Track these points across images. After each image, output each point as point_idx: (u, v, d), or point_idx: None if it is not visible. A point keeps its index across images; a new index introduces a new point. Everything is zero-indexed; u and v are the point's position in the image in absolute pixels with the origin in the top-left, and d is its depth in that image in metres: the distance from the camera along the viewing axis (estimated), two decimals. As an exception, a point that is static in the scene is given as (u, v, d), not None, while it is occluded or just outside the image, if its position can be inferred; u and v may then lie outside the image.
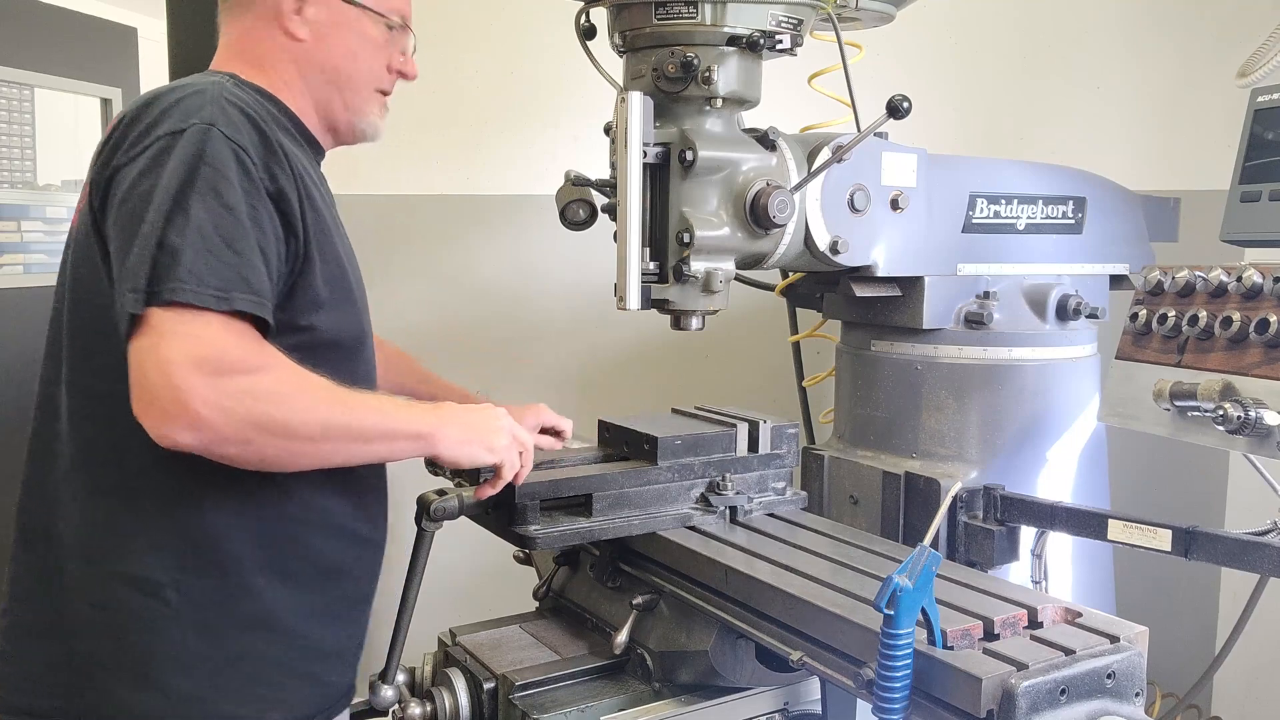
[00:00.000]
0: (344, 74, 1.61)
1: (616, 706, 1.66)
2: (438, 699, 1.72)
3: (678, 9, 1.76)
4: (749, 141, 1.80)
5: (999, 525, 1.86)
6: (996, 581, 1.57)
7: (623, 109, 1.66)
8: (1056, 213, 2.08)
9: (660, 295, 1.77)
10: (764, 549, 1.66)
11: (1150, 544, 1.63)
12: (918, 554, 1.25)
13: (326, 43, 1.58)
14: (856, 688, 1.34)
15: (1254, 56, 1.93)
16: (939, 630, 1.28)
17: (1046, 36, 3.02)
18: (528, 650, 1.79)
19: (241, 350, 1.31)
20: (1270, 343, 1.58)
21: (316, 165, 1.63)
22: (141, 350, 1.28)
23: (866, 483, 2.05)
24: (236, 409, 1.28)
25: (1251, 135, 1.86)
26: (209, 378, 1.26)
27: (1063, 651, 1.27)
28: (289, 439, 1.33)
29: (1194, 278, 1.73)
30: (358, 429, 1.39)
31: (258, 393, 1.30)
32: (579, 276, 3.05)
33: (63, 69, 4.38)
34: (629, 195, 1.67)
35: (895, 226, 1.91)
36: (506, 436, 1.54)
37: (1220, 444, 1.65)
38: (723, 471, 1.82)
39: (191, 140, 1.35)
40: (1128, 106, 2.94)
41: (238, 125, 1.40)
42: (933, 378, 2.02)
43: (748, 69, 1.82)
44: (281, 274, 1.41)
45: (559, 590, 1.96)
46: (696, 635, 1.65)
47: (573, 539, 1.72)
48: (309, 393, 1.35)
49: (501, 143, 3.25)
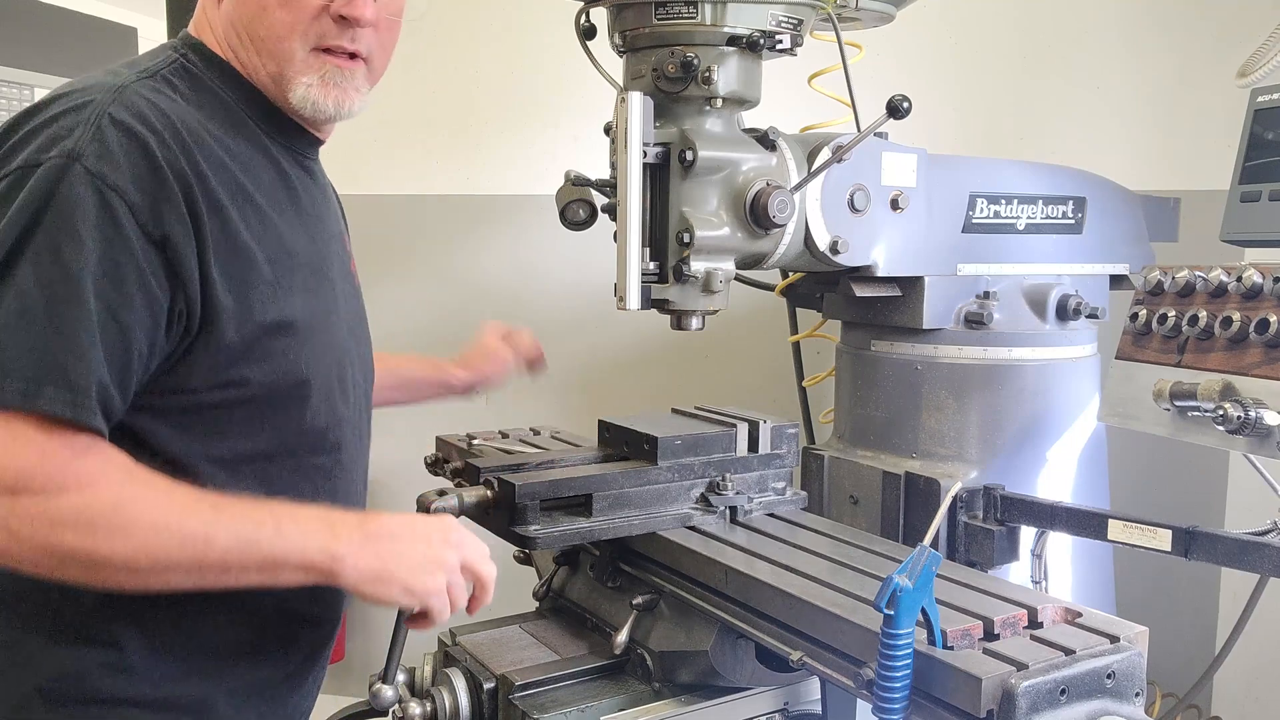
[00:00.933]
0: (254, 33, 1.30)
1: (616, 706, 1.66)
2: (438, 699, 1.72)
3: (678, 9, 1.76)
4: (749, 141, 1.80)
5: (999, 525, 1.86)
6: (996, 581, 1.57)
7: (623, 109, 1.66)
8: (1056, 213, 2.08)
9: (660, 295, 1.77)
10: (764, 549, 1.66)
11: (1150, 544, 1.63)
12: (918, 554, 1.25)
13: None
14: (856, 688, 1.34)
15: (1254, 56, 1.93)
16: (939, 630, 1.28)
17: (1046, 36, 3.02)
18: (528, 650, 1.79)
19: (43, 463, 1.07)
20: (1270, 343, 1.58)
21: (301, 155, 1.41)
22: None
23: (866, 483, 2.05)
24: (31, 535, 1.09)
25: (1251, 135, 1.86)
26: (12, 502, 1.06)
27: (1063, 651, 1.27)
28: (101, 569, 1.12)
29: (1194, 278, 1.73)
30: (213, 560, 1.15)
31: (57, 518, 1.09)
32: (579, 276, 3.05)
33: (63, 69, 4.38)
34: (629, 195, 1.67)
35: (895, 226, 1.91)
36: (436, 573, 1.27)
37: (1220, 444, 1.65)
38: (723, 471, 1.82)
39: (43, 180, 1.11)
40: (1128, 106, 2.94)
41: (114, 156, 1.14)
42: (933, 378, 2.02)
43: (748, 69, 1.82)
44: (172, 336, 1.19)
45: (559, 590, 1.96)
46: (696, 635, 1.65)
47: (573, 539, 1.72)
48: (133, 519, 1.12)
49: (501, 143, 3.25)
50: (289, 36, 1.31)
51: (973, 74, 3.04)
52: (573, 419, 1.93)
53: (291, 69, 1.33)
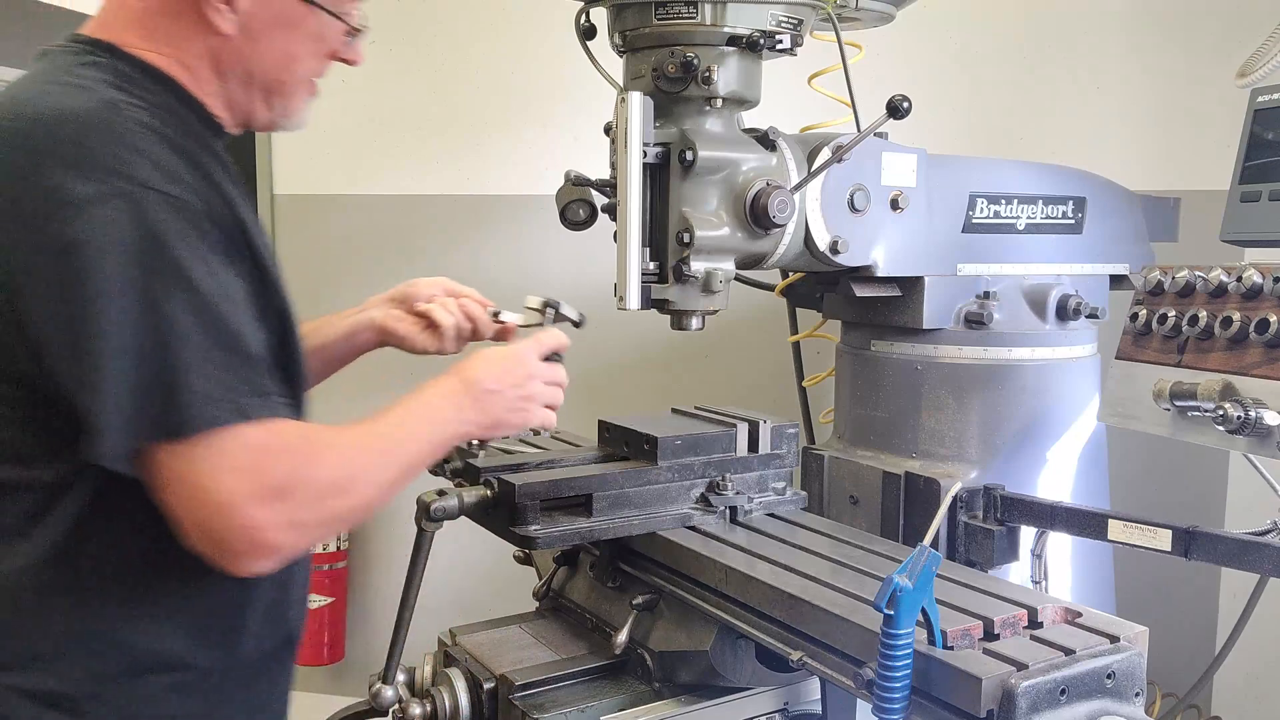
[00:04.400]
0: (274, 79, 1.31)
1: (616, 706, 1.66)
2: (438, 699, 1.72)
3: (678, 9, 1.76)
4: (749, 141, 1.80)
5: (999, 525, 1.86)
6: (996, 581, 1.57)
7: (623, 109, 1.66)
8: (1056, 213, 2.08)
9: (660, 295, 1.77)
10: (764, 549, 1.66)
11: (1150, 544, 1.63)
12: (918, 554, 1.25)
13: (257, 44, 1.28)
14: (856, 688, 1.34)
15: (1254, 56, 1.93)
16: (939, 630, 1.28)
17: (1046, 36, 3.02)
18: (528, 650, 1.79)
19: (282, 460, 1.15)
20: (1270, 343, 1.58)
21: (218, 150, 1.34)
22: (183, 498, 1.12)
23: (866, 483, 2.05)
24: (309, 521, 1.18)
25: (1251, 135, 1.86)
26: (272, 504, 1.13)
27: (1063, 651, 1.27)
28: (360, 513, 1.26)
29: (1194, 278, 1.73)
30: (411, 465, 1.31)
31: (321, 493, 1.19)
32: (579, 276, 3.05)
33: (63, 69, 4.39)
34: (629, 195, 1.67)
35: (895, 226, 1.91)
36: (531, 406, 1.46)
37: (1220, 444, 1.65)
38: (723, 471, 1.82)
39: (125, 216, 1.08)
40: (1128, 106, 2.94)
41: (173, 172, 1.13)
42: (933, 378, 2.02)
43: (748, 69, 1.82)
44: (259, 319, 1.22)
45: (559, 590, 1.96)
46: (696, 635, 1.65)
47: (573, 539, 1.72)
48: (362, 465, 1.23)
49: (501, 143, 3.25)
50: (308, 82, 1.36)
51: (973, 74, 3.04)
52: (573, 419, 1.93)
53: (295, 103, 1.37)
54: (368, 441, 1.27)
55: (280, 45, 1.30)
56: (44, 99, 1.16)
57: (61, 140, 1.11)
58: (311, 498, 1.17)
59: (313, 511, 1.18)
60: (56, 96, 1.16)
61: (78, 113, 1.13)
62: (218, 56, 1.28)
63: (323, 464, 1.20)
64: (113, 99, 1.16)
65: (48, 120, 1.13)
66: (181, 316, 1.10)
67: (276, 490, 1.13)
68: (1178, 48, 2.89)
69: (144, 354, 1.09)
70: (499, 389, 1.43)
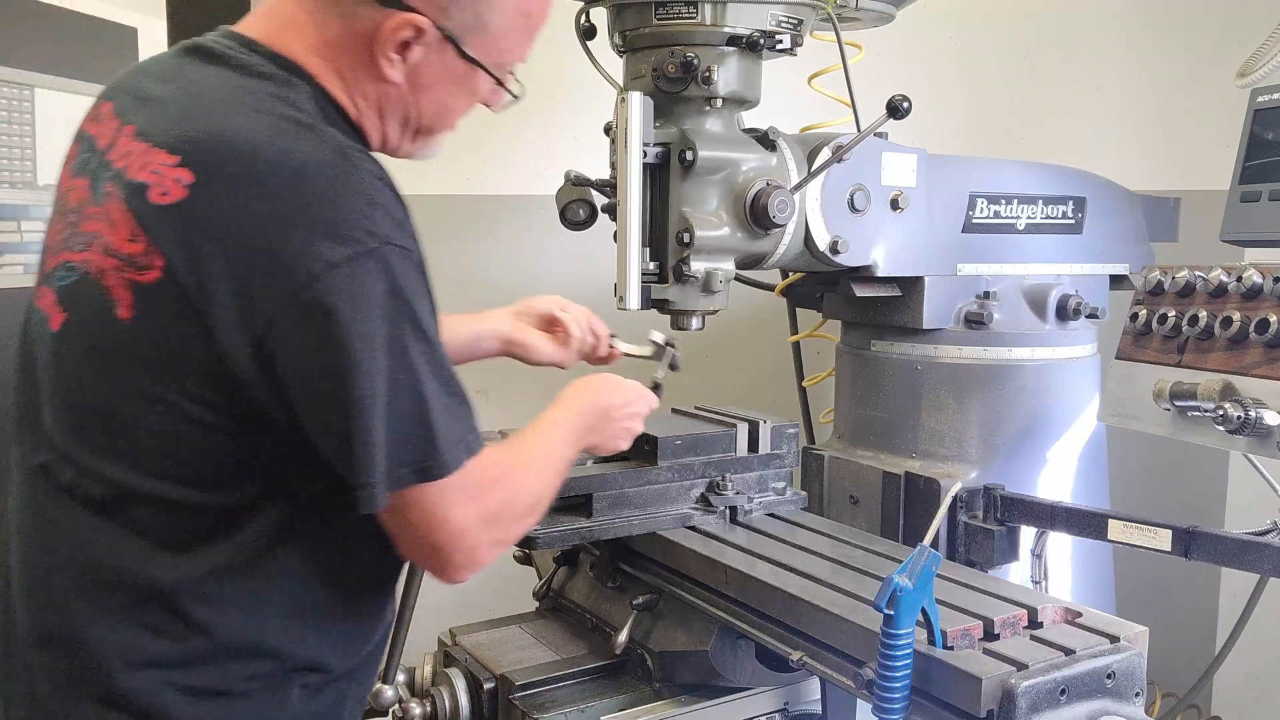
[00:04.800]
0: (426, 124, 1.34)
1: (616, 706, 1.66)
2: (438, 699, 1.72)
3: (678, 9, 1.76)
4: (749, 141, 1.80)
5: (999, 525, 1.86)
6: (996, 581, 1.57)
7: (623, 109, 1.66)
8: (1056, 213, 2.08)
9: (660, 295, 1.77)
10: (764, 549, 1.66)
11: (1150, 544, 1.63)
12: (918, 554, 1.25)
13: (420, 93, 1.30)
14: (856, 688, 1.34)
15: (1254, 56, 1.93)
16: (939, 630, 1.28)
17: (1047, 36, 3.02)
18: (528, 650, 1.79)
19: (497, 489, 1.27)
20: (1270, 343, 1.58)
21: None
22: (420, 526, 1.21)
23: (866, 483, 2.04)
24: (509, 538, 1.33)
25: (1251, 135, 1.86)
26: (490, 527, 1.26)
27: (1063, 651, 1.27)
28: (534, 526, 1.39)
29: (1194, 278, 1.73)
30: (562, 471, 1.43)
31: (519, 514, 1.32)
32: (579, 276, 3.05)
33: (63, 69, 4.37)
34: (629, 195, 1.67)
35: (895, 226, 1.90)
36: (628, 436, 1.60)
37: (1220, 444, 1.65)
38: (723, 471, 1.82)
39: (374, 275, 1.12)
40: (1128, 106, 2.94)
41: (401, 222, 1.17)
42: (933, 378, 2.02)
43: (748, 69, 1.82)
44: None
45: (559, 590, 1.96)
46: (696, 635, 1.65)
47: (573, 539, 1.72)
48: (545, 486, 1.37)
49: (501, 143, 3.25)
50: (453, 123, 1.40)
51: (973, 74, 3.04)
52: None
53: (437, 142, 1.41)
54: (544, 463, 1.39)
55: (441, 97, 1.32)
56: (278, 140, 1.15)
57: (310, 197, 1.12)
58: (512, 519, 1.31)
59: (512, 530, 1.32)
60: (291, 140, 1.15)
61: (320, 166, 1.14)
62: (382, 99, 1.30)
63: (522, 489, 1.33)
64: (344, 147, 1.17)
65: (291, 171, 1.13)
66: (422, 366, 1.16)
67: (493, 515, 1.26)
68: (1178, 48, 2.89)
69: (400, 409, 1.14)
70: (619, 419, 1.57)
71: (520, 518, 1.32)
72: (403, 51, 1.25)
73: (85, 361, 1.19)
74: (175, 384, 1.14)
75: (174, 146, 1.15)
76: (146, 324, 1.13)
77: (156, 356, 1.14)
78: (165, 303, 1.12)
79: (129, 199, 1.15)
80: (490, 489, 1.26)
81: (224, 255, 1.10)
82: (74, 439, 1.20)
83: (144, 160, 1.16)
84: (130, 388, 1.15)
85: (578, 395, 1.52)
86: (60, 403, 1.22)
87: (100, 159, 1.23)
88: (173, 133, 1.16)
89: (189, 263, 1.11)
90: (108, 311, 1.15)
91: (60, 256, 1.23)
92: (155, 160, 1.15)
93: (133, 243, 1.14)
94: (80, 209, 1.23)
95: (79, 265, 1.19)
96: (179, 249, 1.11)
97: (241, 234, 1.11)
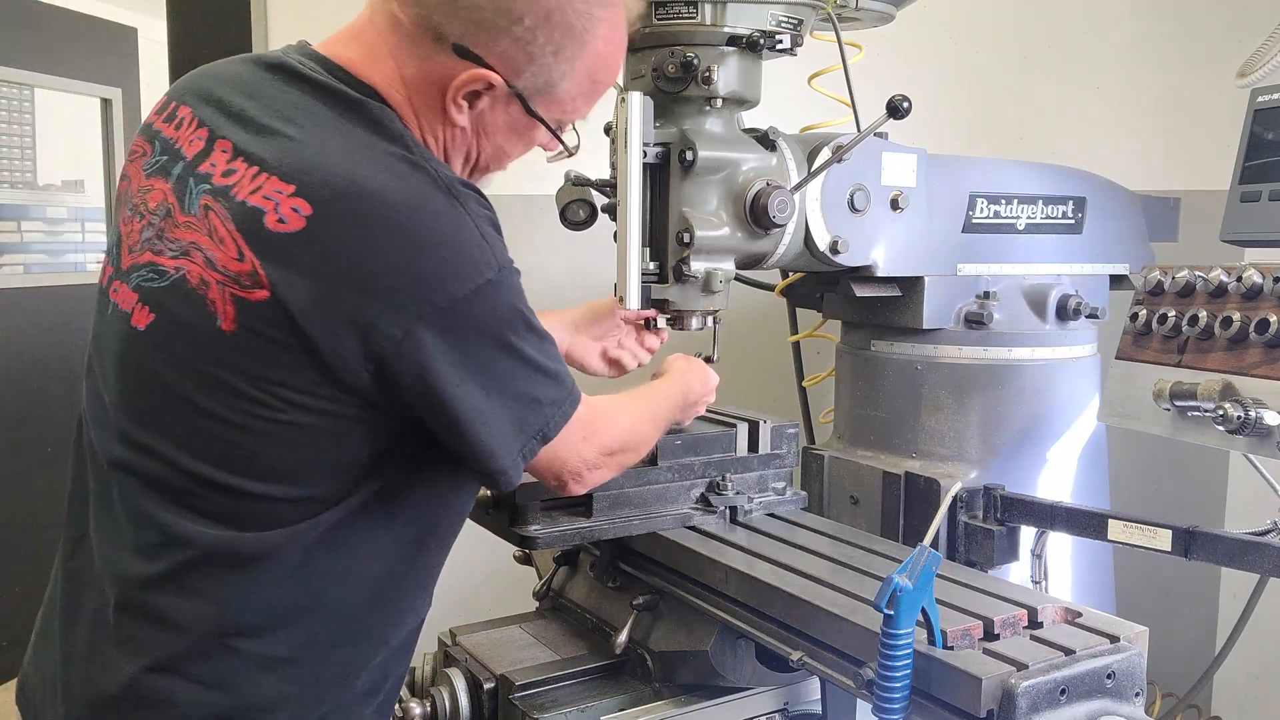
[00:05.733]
0: (485, 166, 1.40)
1: (616, 706, 1.66)
2: (438, 699, 1.72)
3: (678, 9, 1.76)
4: (749, 141, 1.80)
5: (999, 525, 1.86)
6: (996, 581, 1.57)
7: (623, 109, 1.66)
8: (1056, 213, 2.08)
9: (660, 295, 1.77)
10: (764, 549, 1.66)
11: (1150, 544, 1.63)
12: (918, 554, 1.25)
13: (483, 139, 1.35)
14: (856, 688, 1.34)
15: (1254, 56, 1.93)
16: (939, 630, 1.28)
17: (1046, 36, 3.02)
18: (528, 650, 1.79)
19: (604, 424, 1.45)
20: (1270, 343, 1.58)
21: None
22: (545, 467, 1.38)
23: (866, 483, 2.05)
24: (619, 465, 1.51)
25: (1251, 135, 1.86)
26: (607, 458, 1.45)
27: (1063, 651, 1.27)
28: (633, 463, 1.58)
29: (1194, 278, 1.73)
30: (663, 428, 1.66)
31: (629, 445, 1.52)
32: (579, 276, 3.05)
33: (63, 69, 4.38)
34: (629, 195, 1.67)
35: (895, 226, 1.91)
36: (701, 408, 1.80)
37: (1220, 444, 1.65)
38: (723, 471, 1.82)
39: (497, 299, 1.21)
40: (1128, 106, 2.94)
41: (500, 241, 1.25)
42: (933, 378, 2.02)
43: (748, 69, 1.82)
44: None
45: (559, 590, 1.96)
46: (696, 635, 1.65)
47: (573, 539, 1.72)
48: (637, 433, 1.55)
49: (501, 143, 3.24)
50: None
51: (973, 74, 3.04)
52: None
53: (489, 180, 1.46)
54: (652, 411, 1.61)
55: (501, 143, 1.37)
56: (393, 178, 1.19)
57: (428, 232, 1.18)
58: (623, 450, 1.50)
59: (625, 459, 1.52)
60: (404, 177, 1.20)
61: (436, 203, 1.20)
62: (449, 140, 1.34)
63: (610, 429, 1.48)
64: (451, 180, 1.23)
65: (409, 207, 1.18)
66: (532, 354, 1.27)
67: (606, 448, 1.45)
68: (1178, 48, 2.89)
69: (522, 397, 1.26)
70: (694, 402, 1.76)
71: (632, 449, 1.53)
72: (472, 101, 1.30)
73: (175, 363, 1.22)
74: (275, 391, 1.18)
75: (287, 175, 1.18)
76: (250, 338, 1.17)
77: (258, 367, 1.18)
78: (270, 323, 1.16)
79: (239, 220, 1.18)
80: (601, 427, 1.43)
81: (342, 287, 1.15)
82: (151, 431, 1.24)
83: (254, 184, 1.19)
84: (227, 391, 1.19)
85: (686, 376, 1.75)
86: (136, 395, 1.26)
87: (188, 167, 1.25)
88: (285, 161, 1.19)
89: (302, 290, 1.15)
90: (209, 322, 1.18)
91: (143, 256, 1.26)
92: (268, 186, 1.18)
93: (240, 262, 1.17)
94: (166, 213, 1.25)
95: (171, 271, 1.22)
96: (292, 276, 1.15)
97: (361, 267, 1.15)
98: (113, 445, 1.28)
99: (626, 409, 1.57)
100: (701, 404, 1.79)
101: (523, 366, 1.26)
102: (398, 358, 1.16)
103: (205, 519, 1.22)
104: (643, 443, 1.57)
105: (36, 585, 1.46)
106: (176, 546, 1.23)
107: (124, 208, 1.33)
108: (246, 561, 1.23)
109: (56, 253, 4.48)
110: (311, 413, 1.19)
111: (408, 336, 1.16)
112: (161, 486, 1.23)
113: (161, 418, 1.23)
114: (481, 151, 1.37)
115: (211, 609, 1.23)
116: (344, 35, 1.33)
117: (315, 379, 1.17)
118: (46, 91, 4.33)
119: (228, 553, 1.22)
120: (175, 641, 1.23)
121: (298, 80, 1.27)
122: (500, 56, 1.27)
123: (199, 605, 1.23)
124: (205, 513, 1.22)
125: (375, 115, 1.24)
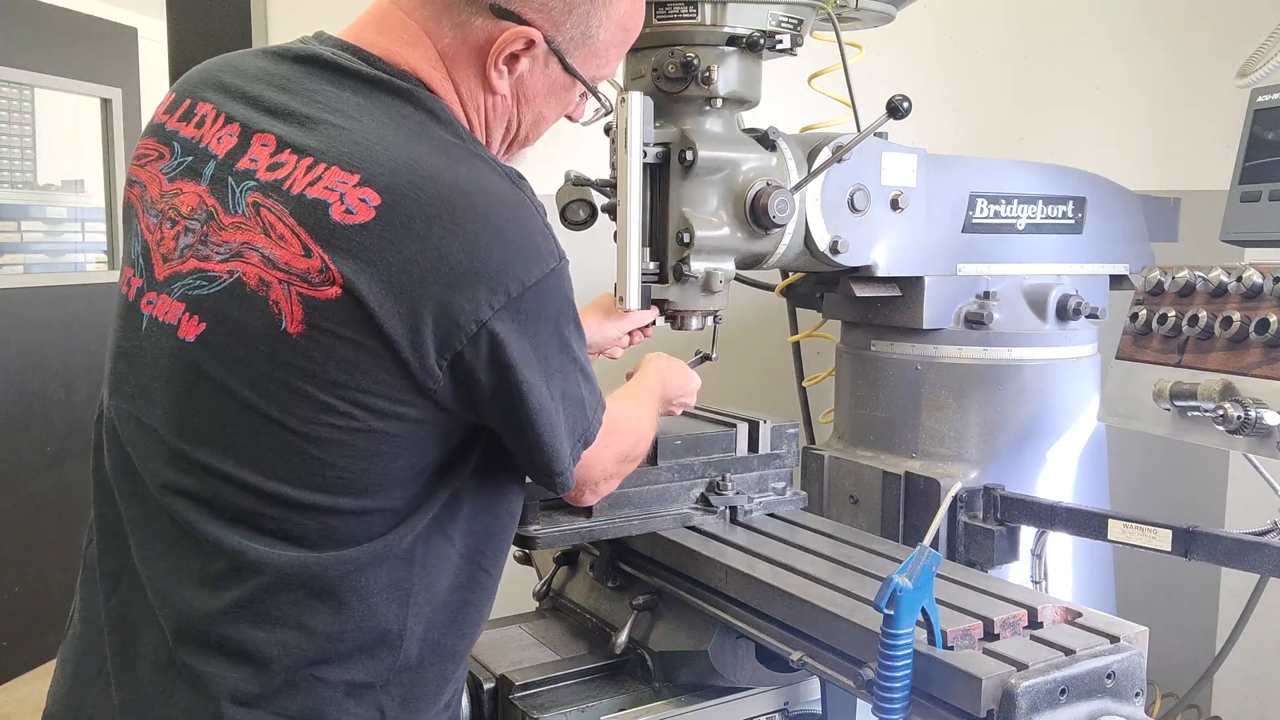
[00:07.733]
0: (524, 135, 1.38)
1: (616, 706, 1.66)
2: (438, 699, 1.72)
3: (678, 9, 1.76)
4: (749, 141, 1.80)
5: (999, 525, 1.86)
6: (996, 581, 1.57)
7: (623, 109, 1.66)
8: (1056, 213, 2.08)
9: (660, 295, 1.77)
10: (764, 549, 1.66)
11: (1150, 544, 1.63)
12: (918, 554, 1.25)
13: (522, 105, 1.33)
14: (856, 688, 1.34)
15: (1254, 56, 1.93)
16: (939, 630, 1.28)
17: (1046, 36, 3.01)
18: (528, 650, 1.79)
19: (620, 432, 1.44)
20: (1270, 343, 1.58)
21: None
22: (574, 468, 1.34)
23: (866, 483, 2.05)
24: (626, 472, 1.53)
25: (1251, 135, 1.86)
26: (618, 465, 1.48)
27: (1063, 651, 1.27)
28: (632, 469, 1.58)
29: (1194, 278, 1.73)
30: (654, 427, 1.63)
31: (636, 454, 1.53)
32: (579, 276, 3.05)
33: (63, 69, 4.38)
34: (629, 195, 1.67)
35: (895, 226, 1.91)
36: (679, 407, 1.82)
37: (1220, 444, 1.65)
38: (723, 471, 1.82)
39: (554, 290, 1.20)
40: (1128, 106, 2.94)
41: (553, 233, 1.23)
42: (933, 378, 2.02)
43: (748, 69, 1.82)
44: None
45: (559, 590, 1.96)
46: (696, 635, 1.65)
47: (573, 539, 1.72)
48: (641, 438, 1.55)
49: (501, 143, 3.24)
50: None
51: (972, 74, 3.04)
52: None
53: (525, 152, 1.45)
54: (645, 416, 1.59)
55: (540, 108, 1.35)
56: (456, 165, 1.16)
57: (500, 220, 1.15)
58: (633, 460, 1.53)
59: (630, 468, 1.54)
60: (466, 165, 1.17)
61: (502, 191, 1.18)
62: (490, 111, 1.32)
63: (639, 435, 1.53)
64: (508, 169, 1.22)
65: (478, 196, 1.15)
66: (577, 353, 1.27)
67: (620, 456, 1.47)
68: (1178, 48, 2.88)
69: (573, 399, 1.26)
70: (670, 400, 1.77)
71: (637, 457, 1.54)
72: (510, 64, 1.27)
73: (234, 372, 1.15)
74: (349, 396, 1.13)
75: (349, 164, 1.13)
76: (321, 339, 1.11)
77: (330, 370, 1.12)
78: (344, 321, 1.10)
79: (300, 214, 1.12)
80: (617, 435, 1.43)
81: (419, 277, 1.10)
82: (210, 449, 1.17)
83: (310, 176, 1.14)
84: (296, 399, 1.13)
85: (664, 373, 1.75)
86: (190, 412, 1.18)
87: (222, 165, 1.20)
88: (343, 150, 1.14)
89: (378, 283, 1.09)
90: (272, 325, 1.12)
91: (186, 264, 1.19)
92: (329, 177, 1.12)
93: (307, 258, 1.11)
94: (208, 216, 1.19)
95: (223, 276, 1.16)
96: (366, 268, 1.09)
97: (437, 256, 1.10)
98: (162, 469, 1.20)
99: (635, 414, 1.55)
100: (678, 403, 1.79)
101: (572, 365, 1.25)
102: (474, 351, 1.13)
103: (277, 540, 1.16)
104: (644, 450, 1.58)
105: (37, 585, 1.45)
106: (247, 573, 1.16)
107: (145, 215, 1.25)
108: (325, 584, 1.18)
109: (56, 253, 4.48)
110: (386, 418, 1.14)
111: (485, 326, 1.12)
112: (224, 508, 1.17)
113: (221, 433, 1.16)
114: (522, 120, 1.34)
115: (294, 637, 1.18)
116: (366, 23, 1.28)
117: (390, 380, 1.12)
118: (46, 91, 4.33)
119: (304, 575, 1.17)
120: (255, 676, 1.17)
121: (336, 71, 1.23)
122: (539, 9, 1.24)
123: (281, 634, 1.17)
124: (276, 534, 1.16)
125: (426, 103, 1.22)
